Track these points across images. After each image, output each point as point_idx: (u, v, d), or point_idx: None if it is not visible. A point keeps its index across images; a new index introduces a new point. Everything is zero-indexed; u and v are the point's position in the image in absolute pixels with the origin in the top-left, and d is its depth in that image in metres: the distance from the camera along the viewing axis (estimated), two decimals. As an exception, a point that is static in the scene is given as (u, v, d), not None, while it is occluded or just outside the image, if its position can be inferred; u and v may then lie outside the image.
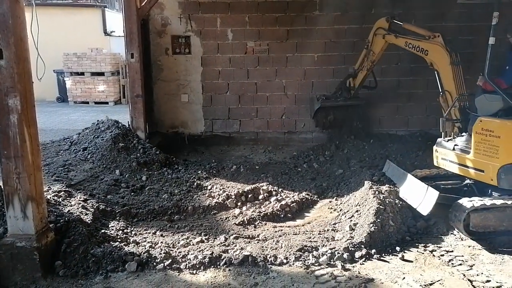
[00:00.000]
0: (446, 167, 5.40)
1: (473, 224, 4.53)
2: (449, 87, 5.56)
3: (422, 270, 3.97)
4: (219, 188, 6.16)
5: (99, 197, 5.61)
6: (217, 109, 9.16)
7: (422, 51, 5.94)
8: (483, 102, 4.96)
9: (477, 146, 4.85)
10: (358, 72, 7.56)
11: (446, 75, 5.58)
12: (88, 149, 7.38)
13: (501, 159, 4.63)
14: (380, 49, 7.04)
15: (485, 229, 4.56)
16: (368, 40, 7.18)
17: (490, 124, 4.75)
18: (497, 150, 4.65)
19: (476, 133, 4.86)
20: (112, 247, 4.23)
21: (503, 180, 4.63)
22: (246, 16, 8.78)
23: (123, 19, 7.62)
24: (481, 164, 4.83)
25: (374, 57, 7.17)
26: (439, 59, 5.66)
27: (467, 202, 4.60)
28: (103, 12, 16.75)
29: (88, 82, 15.15)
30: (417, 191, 5.04)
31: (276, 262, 4.09)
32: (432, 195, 4.75)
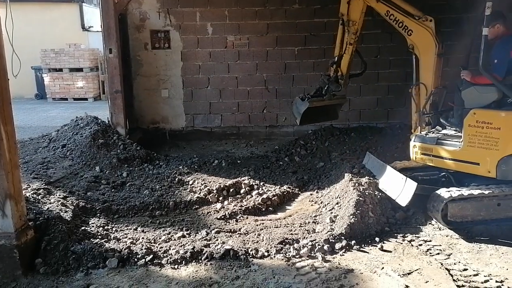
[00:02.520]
0: (428, 162, 5.32)
1: (451, 214, 4.61)
2: (426, 79, 5.38)
3: (401, 260, 4.04)
4: (201, 183, 6.15)
5: (79, 194, 5.55)
6: (198, 104, 9.12)
7: (406, 29, 5.43)
8: (473, 95, 4.88)
9: (470, 139, 4.79)
10: (343, 55, 6.40)
11: (428, 65, 5.32)
12: (67, 146, 7.29)
13: (501, 151, 4.58)
14: (360, 14, 6.04)
15: (463, 219, 4.65)
16: (342, 13, 6.18)
17: (487, 116, 4.67)
18: (497, 142, 4.61)
19: (469, 126, 4.79)
20: (93, 244, 4.19)
21: (504, 171, 4.60)
22: (225, 10, 8.74)
23: (100, 14, 7.52)
24: (475, 157, 4.78)
25: (356, 27, 6.12)
26: (425, 46, 5.30)
27: (445, 193, 4.67)
28: (80, 7, 16.49)
29: (67, 78, 14.93)
30: (396, 182, 5.06)
31: (258, 255, 4.11)
32: (411, 186, 4.77)
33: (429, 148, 5.28)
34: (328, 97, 6.56)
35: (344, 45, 6.30)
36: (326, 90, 6.53)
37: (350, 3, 6.04)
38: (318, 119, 7.29)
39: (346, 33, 6.21)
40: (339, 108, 7.12)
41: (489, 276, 3.75)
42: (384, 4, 5.60)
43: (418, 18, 5.31)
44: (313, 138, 8.19)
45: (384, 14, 5.64)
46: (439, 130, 5.42)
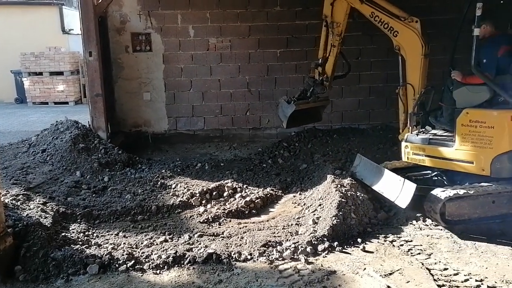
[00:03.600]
0: (420, 162, 5.35)
1: (448, 213, 4.66)
2: (413, 79, 5.40)
3: (383, 261, 4.08)
4: (184, 186, 6.11)
5: (59, 200, 5.48)
6: (181, 107, 9.07)
7: (391, 31, 5.45)
8: (465, 94, 4.93)
9: (463, 138, 4.85)
10: (328, 57, 6.38)
11: (414, 66, 5.36)
12: (47, 151, 7.18)
13: (495, 149, 4.64)
14: (344, 16, 6.01)
15: (460, 218, 4.70)
16: (325, 15, 6.15)
17: (480, 115, 4.73)
18: (491, 141, 4.67)
19: (462, 125, 4.85)
20: (73, 250, 4.14)
21: (498, 169, 4.67)
22: (207, 12, 8.72)
23: (80, 17, 7.43)
24: (469, 156, 4.83)
25: (340, 28, 6.09)
26: (411, 48, 5.34)
27: (441, 192, 4.70)
28: (60, 9, 16.27)
29: (47, 82, 14.70)
30: (393, 184, 5.04)
31: (241, 258, 4.10)
32: (410, 188, 4.77)
33: (421, 148, 5.31)
34: (313, 99, 6.59)
35: (328, 47, 6.29)
36: (311, 93, 6.53)
37: (333, 4, 6.04)
38: (302, 121, 7.36)
39: (330, 35, 6.20)
40: (322, 110, 7.17)
41: (469, 275, 3.80)
42: (369, 6, 5.59)
43: (403, 19, 5.34)
44: (296, 140, 8.21)
45: (369, 16, 5.64)
46: (429, 130, 5.44)
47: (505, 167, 4.67)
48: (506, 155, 4.63)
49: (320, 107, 7.00)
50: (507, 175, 4.72)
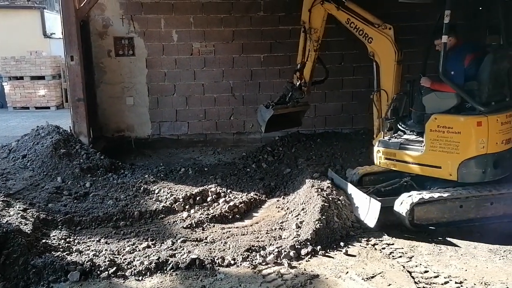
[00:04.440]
0: (392, 166, 5.42)
1: (417, 217, 4.73)
2: (386, 85, 5.50)
3: (365, 264, 4.11)
4: (167, 191, 6.08)
5: (40, 206, 5.39)
6: (164, 111, 9.03)
7: (366, 37, 5.56)
8: (434, 100, 5.01)
9: (432, 143, 4.92)
10: (306, 62, 6.48)
11: (388, 72, 5.46)
12: (27, 156, 7.06)
13: (462, 154, 4.73)
14: (321, 21, 6.12)
15: (428, 222, 4.79)
16: (303, 21, 6.27)
17: (448, 121, 4.82)
18: (457, 146, 4.75)
19: (431, 131, 4.92)
20: (54, 257, 4.09)
21: (464, 174, 4.75)
22: (190, 17, 8.71)
23: (61, 21, 7.36)
24: (437, 161, 4.91)
25: (318, 34, 6.20)
26: (385, 54, 5.44)
27: (409, 197, 4.77)
28: (42, 13, 16.11)
29: (28, 87, 14.47)
30: (361, 202, 5.06)
31: (224, 263, 4.09)
32: (375, 207, 4.76)
33: (392, 153, 5.38)
34: (292, 104, 6.66)
35: (306, 53, 6.40)
36: (289, 97, 6.60)
37: (311, 11, 6.14)
38: (282, 126, 7.40)
39: (308, 40, 6.31)
40: (302, 115, 7.21)
41: (449, 277, 3.86)
42: (345, 12, 5.71)
43: (377, 26, 5.45)
44: (280, 145, 8.23)
45: (345, 22, 5.75)
46: (401, 135, 5.53)
47: (472, 172, 4.77)
48: (472, 160, 4.73)
49: (299, 112, 7.06)
50: (473, 180, 4.82)
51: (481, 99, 4.78)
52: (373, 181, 5.72)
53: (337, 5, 5.80)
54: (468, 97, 4.77)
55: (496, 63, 4.83)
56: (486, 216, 4.89)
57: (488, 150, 4.72)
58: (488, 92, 4.79)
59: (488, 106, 4.77)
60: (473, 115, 4.75)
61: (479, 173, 4.78)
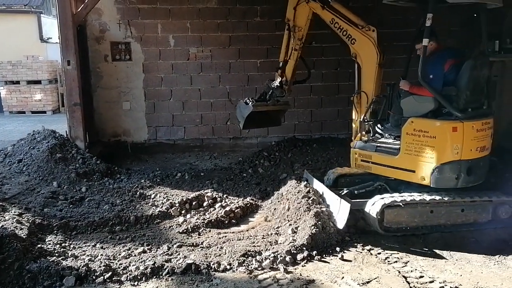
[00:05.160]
0: (367, 169, 5.43)
1: (387, 220, 4.74)
2: (367, 88, 5.47)
3: (360, 269, 4.12)
4: (163, 196, 6.09)
5: (35, 211, 5.38)
6: (161, 116, 9.03)
7: (349, 38, 5.50)
8: (412, 104, 5.03)
9: (407, 146, 4.94)
10: (288, 60, 6.41)
11: (369, 74, 5.43)
12: (23, 161, 7.05)
13: (436, 159, 4.74)
14: (305, 20, 6.04)
15: (398, 225, 4.79)
16: (288, 19, 6.20)
17: (424, 124, 4.83)
18: (432, 150, 4.76)
19: (407, 134, 4.95)
20: (49, 262, 4.06)
21: (438, 179, 4.76)
22: (187, 22, 8.74)
23: (58, 25, 7.36)
24: (412, 165, 4.93)
25: (302, 33, 6.13)
26: (367, 56, 5.40)
27: (380, 199, 4.78)
28: (38, 18, 16.13)
29: (24, 91, 14.44)
30: (332, 203, 5.02)
31: (220, 268, 4.09)
32: (345, 208, 4.72)
33: (368, 155, 5.39)
34: (272, 102, 6.58)
35: (289, 51, 6.33)
36: (270, 95, 6.55)
37: (296, 9, 6.09)
38: (261, 124, 7.40)
39: (291, 38, 6.26)
40: (282, 115, 7.16)
41: (444, 282, 3.87)
42: (330, 12, 5.68)
43: (361, 28, 5.42)
44: (276, 150, 8.25)
45: (329, 22, 5.73)
46: (379, 138, 5.50)
47: (445, 177, 4.77)
48: (446, 165, 4.74)
49: (280, 111, 7.00)
50: (446, 186, 4.82)
51: (458, 104, 4.79)
52: (349, 183, 5.72)
53: (322, 4, 5.77)
54: (445, 101, 4.78)
55: (475, 69, 4.84)
56: (456, 223, 4.90)
57: (462, 157, 4.73)
58: (466, 98, 4.80)
59: (465, 112, 4.78)
60: (449, 120, 4.76)
61: (452, 179, 4.78)
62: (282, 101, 6.73)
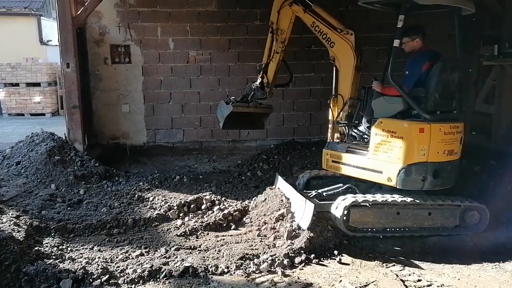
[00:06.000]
0: (338, 170, 5.41)
1: (352, 220, 4.73)
2: (343, 91, 5.48)
3: (358, 273, 4.11)
4: (161, 199, 6.07)
5: (33, 213, 5.37)
6: (160, 119, 9.04)
7: (329, 41, 5.54)
8: (382, 105, 5.01)
9: (376, 147, 4.92)
10: (270, 63, 6.42)
11: (346, 78, 5.44)
12: (21, 163, 7.05)
13: (403, 160, 4.71)
14: (288, 23, 6.09)
15: (364, 226, 4.78)
16: (272, 22, 6.22)
17: (392, 125, 4.81)
18: (399, 151, 4.72)
19: (376, 135, 4.93)
20: (46, 265, 4.04)
21: (404, 180, 4.72)
22: (187, 25, 8.76)
23: (58, 28, 7.37)
24: (379, 166, 4.90)
25: (284, 36, 6.16)
26: (345, 59, 5.41)
27: (346, 199, 4.78)
28: (38, 20, 16.18)
29: (23, 93, 14.49)
30: (298, 204, 4.93)
31: (217, 271, 4.07)
32: (309, 208, 4.63)
33: (339, 156, 5.38)
34: (254, 105, 6.57)
35: (271, 53, 6.36)
36: (251, 97, 6.54)
37: (280, 12, 6.12)
38: (243, 126, 7.42)
39: (274, 41, 6.29)
40: (265, 118, 7.11)
41: (442, 286, 3.87)
42: (311, 16, 5.72)
43: (340, 31, 5.43)
44: (275, 153, 8.26)
45: (310, 25, 5.76)
46: (352, 140, 5.49)
47: (411, 179, 4.74)
48: (412, 166, 4.71)
49: (263, 115, 6.98)
50: (412, 188, 4.80)
51: (426, 106, 4.79)
52: (321, 185, 5.71)
53: (304, 8, 5.80)
54: (413, 102, 4.77)
55: (444, 72, 4.82)
56: (423, 226, 4.88)
57: (428, 159, 4.71)
58: (434, 100, 4.80)
59: (433, 115, 4.76)
60: (416, 121, 4.75)
61: (418, 181, 4.76)
62: (265, 105, 6.72)
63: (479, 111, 8.98)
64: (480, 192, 5.92)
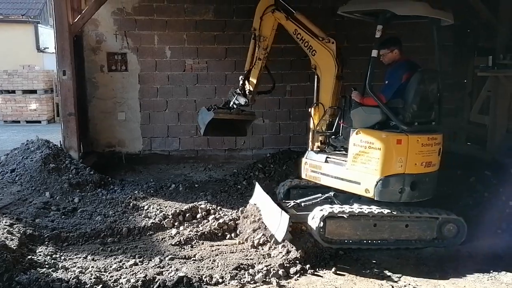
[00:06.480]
0: (316, 180, 5.37)
1: (328, 231, 4.70)
2: (324, 99, 5.45)
3: (354, 283, 4.09)
4: (156, 208, 6.04)
5: (27, 221, 5.32)
6: (156, 127, 9.03)
7: (310, 49, 5.49)
8: (360, 115, 4.98)
9: (354, 158, 4.89)
10: (252, 69, 6.35)
11: (327, 86, 5.41)
12: (16, 170, 7.01)
13: (380, 171, 4.67)
14: (271, 30, 6.05)
15: (340, 237, 4.74)
16: (254, 28, 6.19)
17: (370, 136, 4.78)
18: (377, 162, 4.68)
19: (354, 145, 4.90)
20: (39, 274, 4.00)
21: (381, 192, 4.68)
22: (184, 34, 8.80)
23: (54, 36, 7.38)
24: (357, 176, 4.86)
25: (266, 42, 6.12)
26: (326, 67, 5.38)
27: (322, 210, 4.75)
28: (35, 28, 16.20)
29: (19, 100, 14.46)
30: (274, 215, 4.85)
31: (212, 282, 4.04)
32: (285, 220, 4.55)
33: (318, 166, 5.34)
34: (236, 111, 6.53)
35: (254, 60, 6.31)
36: (233, 103, 6.50)
37: (262, 18, 6.09)
38: (225, 132, 7.36)
39: (257, 48, 6.26)
40: (248, 125, 7.08)
41: (437, 297, 3.85)
42: (293, 23, 5.68)
43: (321, 39, 5.39)
44: (271, 162, 8.24)
45: (292, 33, 5.73)
46: (332, 150, 5.46)
47: (388, 190, 4.70)
48: (389, 178, 4.67)
49: (246, 122, 6.96)
50: (389, 199, 4.75)
51: (404, 117, 4.77)
52: (301, 195, 5.70)
53: (287, 15, 5.77)
54: (390, 113, 4.76)
55: (422, 83, 4.80)
56: (400, 238, 4.83)
57: (406, 170, 4.67)
58: (412, 112, 4.77)
59: (411, 126, 4.75)
60: (394, 132, 4.71)
61: (395, 193, 4.71)
62: (248, 111, 6.72)
63: (474, 121, 9.03)
64: (475, 203, 5.93)
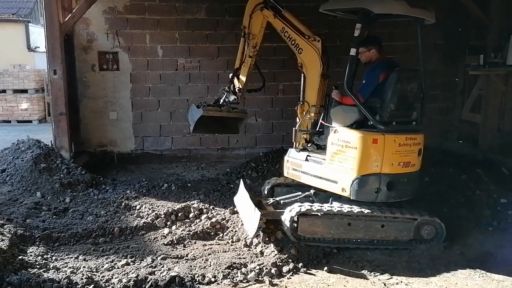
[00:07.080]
0: (297, 178, 5.38)
1: (301, 228, 4.70)
2: (310, 98, 5.46)
3: (346, 281, 4.10)
4: (148, 207, 6.01)
5: (17, 222, 5.26)
6: (148, 126, 8.99)
7: (297, 47, 5.52)
8: (339, 114, 4.99)
9: (332, 156, 4.88)
10: (242, 67, 6.39)
11: (312, 85, 5.41)
12: (6, 170, 6.92)
13: (356, 170, 4.65)
14: (260, 28, 6.07)
15: (313, 235, 4.74)
16: (244, 26, 6.20)
17: (347, 135, 4.76)
18: (353, 161, 4.66)
19: (332, 144, 4.90)
20: (30, 274, 3.97)
21: (357, 191, 4.66)
22: (176, 32, 8.75)
23: (45, 35, 7.31)
24: (334, 175, 4.85)
25: (256, 40, 6.15)
26: (311, 66, 5.38)
27: (296, 207, 4.76)
28: (26, 27, 16.07)
29: (10, 100, 14.31)
30: (248, 212, 4.92)
31: (204, 281, 4.04)
32: (256, 216, 4.59)
33: (298, 164, 5.35)
34: (226, 109, 6.52)
35: (244, 58, 6.34)
36: (223, 101, 6.51)
37: (252, 16, 6.09)
38: (216, 130, 7.35)
39: (246, 45, 6.27)
40: (240, 123, 7.04)
41: (429, 295, 3.87)
42: (281, 21, 5.70)
43: (308, 38, 5.40)
44: (264, 161, 8.24)
45: (279, 31, 5.76)
46: (315, 148, 5.45)
47: (364, 190, 4.67)
48: (365, 177, 4.65)
49: (237, 119, 6.93)
50: (365, 199, 4.72)
51: (381, 117, 4.76)
52: (285, 192, 5.71)
53: (275, 13, 5.78)
54: (367, 112, 4.75)
55: (399, 83, 4.77)
56: (375, 238, 4.81)
57: (382, 170, 4.64)
58: (390, 111, 4.75)
59: (388, 125, 4.73)
60: (370, 132, 4.70)
61: (371, 192, 4.68)
62: (239, 109, 6.71)
63: (466, 120, 9.09)
64: (466, 201, 5.97)
